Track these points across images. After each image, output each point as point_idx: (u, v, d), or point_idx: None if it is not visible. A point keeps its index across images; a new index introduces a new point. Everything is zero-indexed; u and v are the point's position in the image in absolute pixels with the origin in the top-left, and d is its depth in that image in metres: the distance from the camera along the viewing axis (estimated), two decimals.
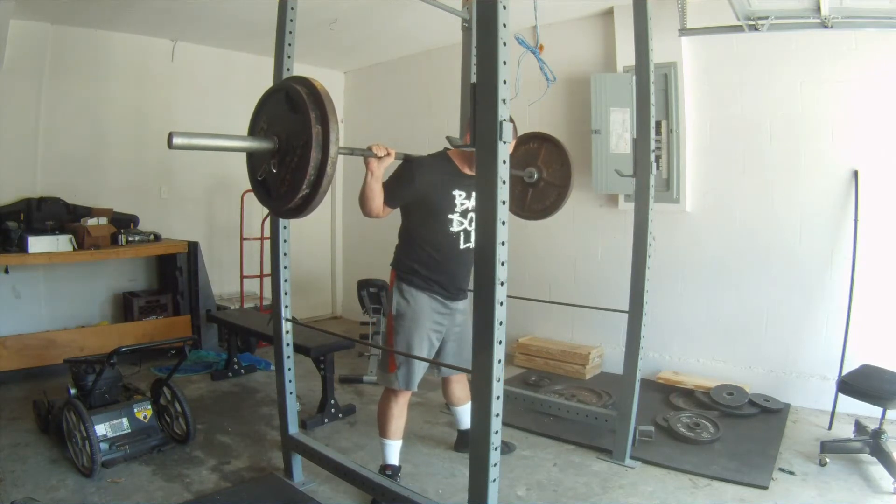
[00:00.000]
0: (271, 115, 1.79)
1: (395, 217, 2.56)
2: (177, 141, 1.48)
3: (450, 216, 2.47)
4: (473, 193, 2.04)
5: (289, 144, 1.70)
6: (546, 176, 3.23)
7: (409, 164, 2.40)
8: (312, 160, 1.61)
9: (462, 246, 2.51)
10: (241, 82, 5.19)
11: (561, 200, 3.22)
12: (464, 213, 2.48)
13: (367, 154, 2.18)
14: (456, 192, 2.46)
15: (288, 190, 1.70)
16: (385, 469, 2.60)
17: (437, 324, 2.55)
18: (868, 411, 3.03)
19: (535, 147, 3.26)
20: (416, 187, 2.39)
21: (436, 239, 2.49)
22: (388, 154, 2.21)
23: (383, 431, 2.60)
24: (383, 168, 2.25)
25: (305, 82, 1.70)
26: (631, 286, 2.81)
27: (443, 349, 2.66)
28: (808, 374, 3.64)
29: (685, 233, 4.05)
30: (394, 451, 2.62)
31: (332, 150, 1.61)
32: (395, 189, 2.39)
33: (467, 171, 2.47)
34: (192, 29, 4.76)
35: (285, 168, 1.70)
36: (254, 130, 1.83)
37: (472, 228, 2.51)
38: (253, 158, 1.85)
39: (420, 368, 2.53)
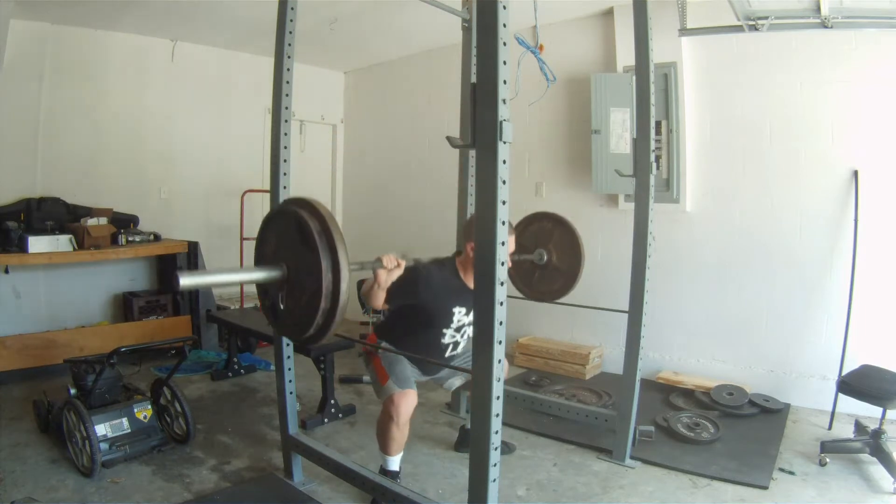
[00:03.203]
0: (279, 236, 1.65)
1: (396, 216, 2.55)
2: (184, 282, 1.43)
3: (444, 330, 2.55)
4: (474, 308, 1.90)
5: (297, 276, 1.57)
6: (555, 261, 3.23)
7: (415, 277, 2.39)
8: (321, 311, 1.51)
9: (448, 354, 2.61)
10: (241, 82, 5.19)
11: (566, 289, 3.22)
12: (458, 328, 2.56)
13: (376, 266, 2.12)
14: (456, 309, 2.52)
15: (295, 327, 1.61)
16: (385, 472, 2.58)
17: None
18: (868, 411, 3.03)
19: (549, 227, 3.26)
20: (417, 300, 2.46)
21: (425, 341, 2.56)
22: (398, 266, 2.15)
23: (384, 449, 2.53)
24: (391, 280, 2.20)
25: (318, 215, 1.55)
26: (631, 286, 2.81)
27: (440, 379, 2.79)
28: (808, 374, 3.65)
29: (685, 233, 4.06)
30: (395, 463, 2.57)
31: (342, 299, 1.51)
32: (398, 296, 2.39)
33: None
34: (192, 29, 4.76)
35: (294, 301, 1.60)
36: (261, 249, 1.72)
37: (462, 340, 2.62)
38: (262, 286, 1.72)
39: (407, 369, 2.55)
